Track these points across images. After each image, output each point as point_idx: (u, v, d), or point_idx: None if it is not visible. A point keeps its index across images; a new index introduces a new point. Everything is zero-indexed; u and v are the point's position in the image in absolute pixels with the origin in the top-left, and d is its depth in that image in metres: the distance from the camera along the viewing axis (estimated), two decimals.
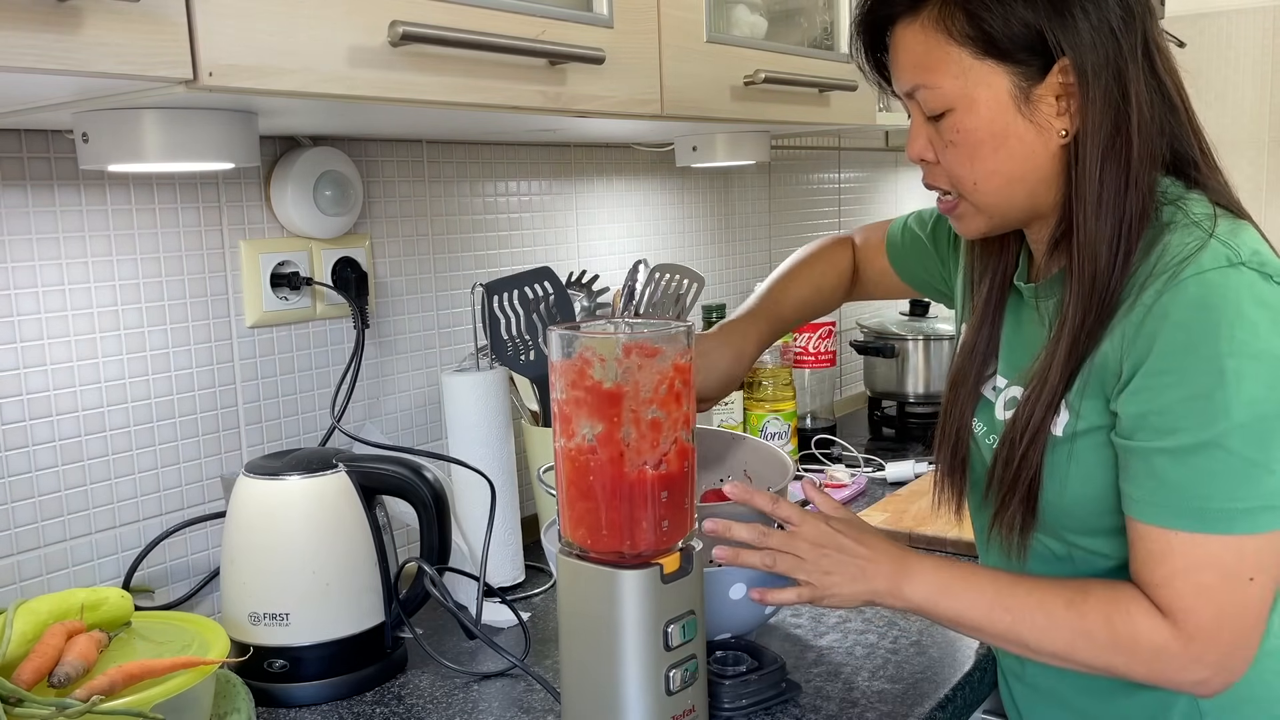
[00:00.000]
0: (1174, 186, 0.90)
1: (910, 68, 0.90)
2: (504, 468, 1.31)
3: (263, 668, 1.05)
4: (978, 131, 0.88)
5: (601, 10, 1.07)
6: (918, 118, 0.93)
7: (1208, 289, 0.81)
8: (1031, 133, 0.88)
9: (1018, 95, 0.87)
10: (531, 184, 1.58)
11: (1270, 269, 0.83)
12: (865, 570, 0.93)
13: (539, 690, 1.06)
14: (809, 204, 2.27)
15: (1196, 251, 0.83)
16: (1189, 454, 0.81)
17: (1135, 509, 0.86)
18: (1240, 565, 0.82)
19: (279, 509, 1.05)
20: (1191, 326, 0.81)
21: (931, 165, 0.94)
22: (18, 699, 0.77)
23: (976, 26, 0.86)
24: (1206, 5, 2.82)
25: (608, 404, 0.84)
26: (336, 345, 1.34)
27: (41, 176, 1.06)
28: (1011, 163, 0.89)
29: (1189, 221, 0.86)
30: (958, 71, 0.87)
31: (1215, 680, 0.85)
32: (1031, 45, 0.85)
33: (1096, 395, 0.88)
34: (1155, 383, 0.83)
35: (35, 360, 1.07)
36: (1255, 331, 0.80)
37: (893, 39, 0.93)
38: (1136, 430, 0.84)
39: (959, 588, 0.91)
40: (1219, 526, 0.81)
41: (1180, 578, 0.83)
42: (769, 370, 1.78)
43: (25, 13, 0.65)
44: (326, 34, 0.82)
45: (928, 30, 0.88)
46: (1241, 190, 0.95)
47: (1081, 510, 0.92)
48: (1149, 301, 0.84)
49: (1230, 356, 0.79)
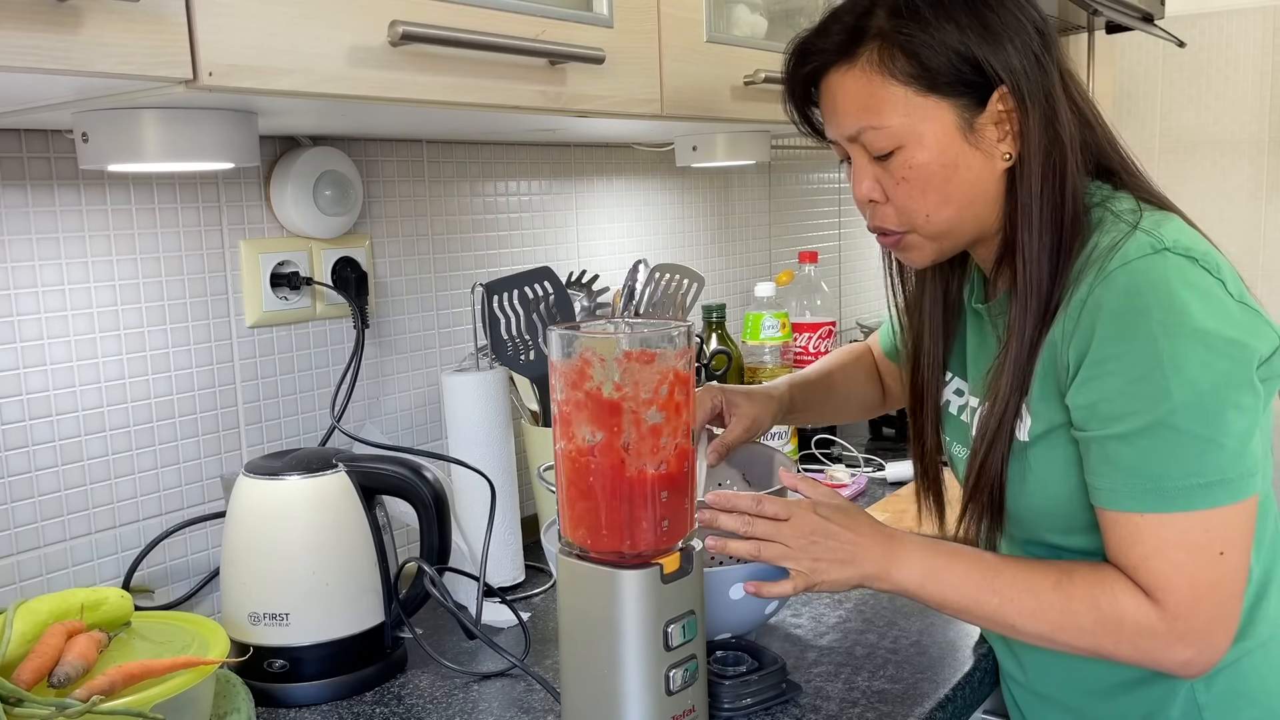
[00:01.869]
0: (1100, 189, 0.94)
1: (854, 112, 0.93)
2: (504, 468, 1.31)
3: (263, 668, 1.05)
4: (929, 165, 0.91)
5: (601, 10, 1.07)
6: (860, 160, 0.95)
7: (1136, 276, 0.84)
8: (979, 160, 0.92)
9: (963, 126, 0.90)
10: (531, 184, 1.58)
11: (1195, 253, 0.85)
12: (854, 555, 0.94)
13: (539, 690, 1.06)
14: (809, 204, 2.27)
15: (1122, 243, 0.87)
16: (1139, 436, 0.84)
17: (1100, 497, 0.88)
18: (1208, 540, 0.84)
19: (279, 509, 1.05)
20: (1124, 314, 0.84)
21: (879, 206, 0.96)
22: (18, 699, 0.77)
23: (917, 64, 0.89)
24: (1206, 5, 2.82)
25: (608, 413, 0.84)
26: (336, 345, 1.34)
27: (41, 176, 1.06)
28: (962, 191, 0.92)
29: (1114, 218, 0.90)
30: (904, 110, 0.90)
31: (1199, 660, 0.86)
32: (970, 77, 0.89)
33: (1051, 394, 0.91)
34: (1098, 371, 0.85)
35: (35, 360, 1.07)
36: (1186, 311, 0.82)
37: (826, 88, 0.96)
38: (1088, 421, 0.87)
39: (946, 571, 0.93)
40: (1179, 504, 0.83)
41: (1154, 558, 0.85)
42: (769, 370, 1.78)
43: (25, 13, 0.65)
44: (326, 34, 0.82)
45: (868, 74, 0.91)
46: (1241, 190, 0.98)
47: (1059, 510, 0.94)
48: (1083, 295, 0.87)
49: (1165, 338, 0.82)
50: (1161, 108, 2.88)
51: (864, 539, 0.95)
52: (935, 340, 1.08)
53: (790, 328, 1.84)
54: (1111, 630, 0.87)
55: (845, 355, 1.37)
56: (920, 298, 1.09)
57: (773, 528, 0.95)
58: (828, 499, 0.99)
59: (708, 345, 1.75)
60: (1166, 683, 0.93)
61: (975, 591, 0.91)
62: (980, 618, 0.92)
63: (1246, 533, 0.85)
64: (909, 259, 1.00)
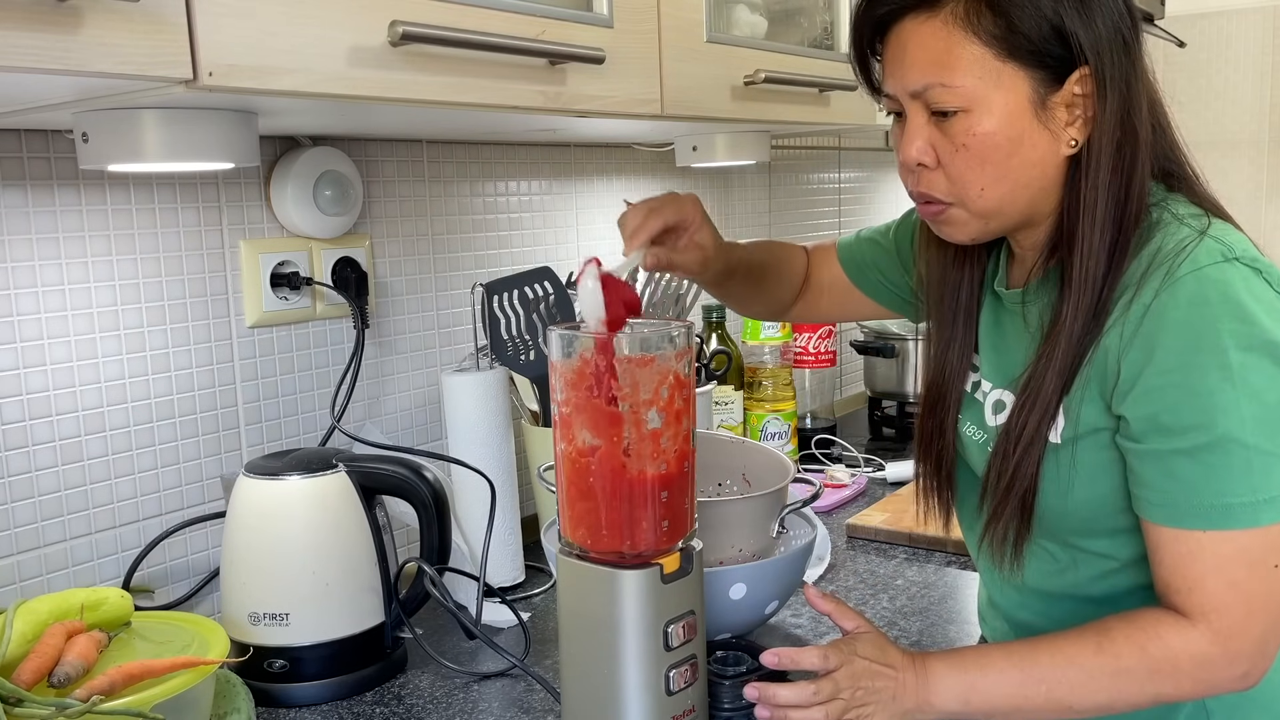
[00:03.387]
0: (1158, 189, 0.91)
1: (925, 65, 0.87)
2: (504, 468, 1.31)
3: (263, 668, 1.05)
4: (994, 135, 0.86)
5: (601, 10, 1.07)
6: (917, 119, 0.89)
7: (1205, 285, 0.81)
8: (1044, 140, 0.87)
9: (1035, 101, 0.85)
10: (531, 184, 1.58)
11: (1261, 264, 0.83)
12: (896, 692, 0.91)
13: (539, 690, 1.06)
14: (809, 204, 2.27)
15: (1191, 248, 0.83)
16: (1203, 452, 0.81)
17: (1155, 513, 0.85)
18: (1265, 555, 0.82)
19: (279, 509, 1.05)
20: (1192, 324, 0.81)
21: (927, 171, 0.91)
22: (18, 699, 0.77)
23: (1004, 25, 0.83)
24: (1206, 5, 2.82)
25: (608, 421, 0.84)
26: (336, 345, 1.34)
27: (41, 176, 1.06)
28: (1021, 169, 0.88)
29: (1176, 220, 0.87)
30: (980, 72, 0.85)
31: (1255, 672, 0.85)
32: (1055, 49, 0.84)
33: (1095, 398, 0.88)
34: (1161, 383, 0.82)
35: (35, 360, 1.07)
36: (1255, 323, 0.80)
37: (899, 35, 0.89)
38: (1147, 433, 0.84)
39: (982, 680, 0.89)
40: (1245, 520, 0.81)
41: (1212, 576, 0.83)
42: (769, 370, 1.78)
43: (25, 13, 0.65)
44: (326, 34, 0.82)
45: (950, 26, 0.85)
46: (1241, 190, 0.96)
47: (1086, 513, 0.91)
48: (1147, 300, 0.83)
49: (1233, 350, 0.79)
50: None
51: (901, 672, 0.91)
52: (969, 326, 1.02)
53: (790, 327, 1.83)
54: (1168, 673, 0.84)
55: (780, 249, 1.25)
56: (957, 280, 1.02)
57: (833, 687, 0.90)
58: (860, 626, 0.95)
59: (708, 345, 1.75)
60: None
61: (1019, 689, 0.88)
62: (1035, 711, 0.88)
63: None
64: (948, 234, 0.94)
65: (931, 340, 1.06)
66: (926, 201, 0.92)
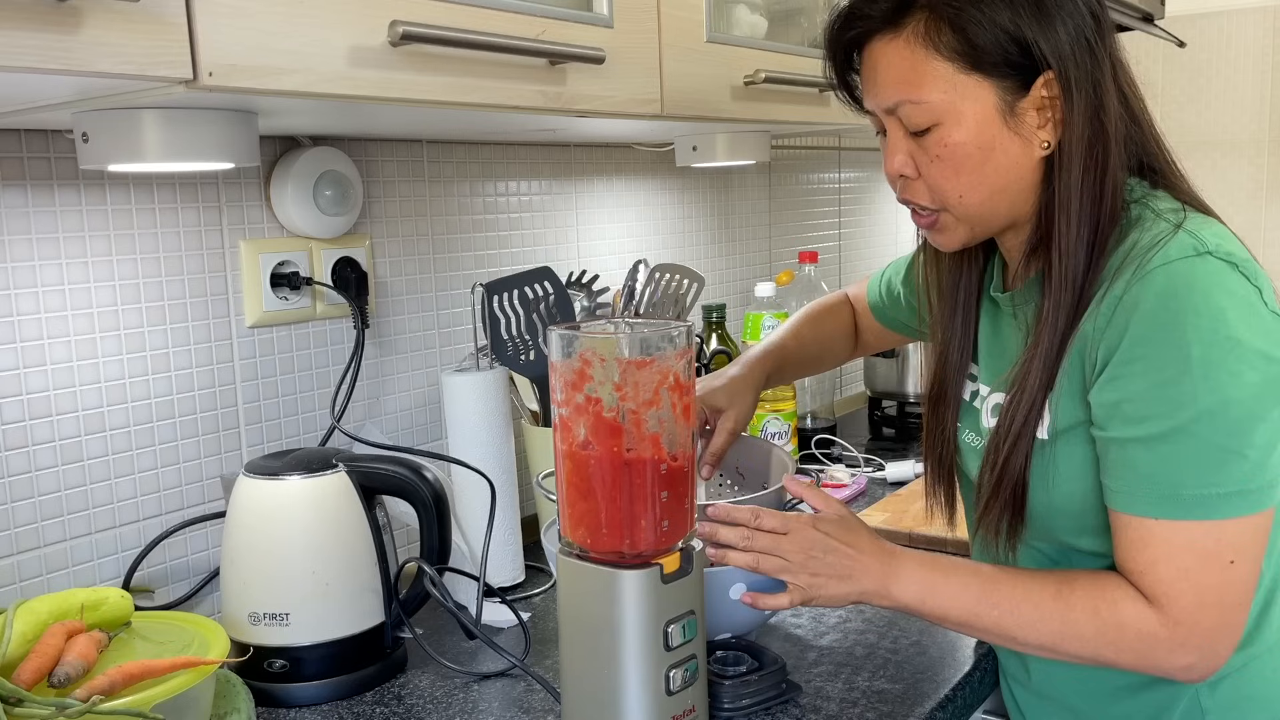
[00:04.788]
0: (1139, 186, 0.92)
1: (893, 83, 0.90)
2: (504, 468, 1.31)
3: (263, 668, 1.05)
4: (965, 145, 0.89)
5: (601, 10, 1.07)
6: (895, 133, 0.93)
7: (1175, 278, 0.83)
8: (1016, 145, 0.89)
9: (1003, 108, 0.88)
10: (531, 184, 1.58)
11: (1236, 259, 0.84)
12: (852, 571, 0.93)
13: (539, 690, 1.06)
14: (809, 204, 2.27)
15: (1164, 242, 0.85)
16: (1159, 441, 0.83)
17: (1114, 499, 0.87)
18: (1219, 549, 0.83)
19: (279, 509, 1.05)
20: (1159, 315, 0.82)
21: (910, 181, 0.94)
22: (18, 699, 0.77)
23: (964, 40, 0.86)
24: (1206, 5, 2.82)
25: (608, 431, 0.84)
26: (336, 345, 1.34)
27: (41, 176, 1.06)
28: (997, 175, 0.90)
29: (1155, 216, 0.88)
30: (945, 86, 0.88)
31: (1201, 665, 0.86)
32: (1017, 59, 0.86)
33: (1074, 392, 0.89)
34: (1125, 371, 0.84)
35: (35, 360, 1.07)
36: (1222, 319, 0.81)
37: (870, 55, 0.93)
38: (1109, 420, 0.86)
39: (944, 585, 0.92)
40: (1195, 512, 0.83)
41: (1161, 564, 0.84)
42: None
43: (25, 12, 0.65)
44: (326, 34, 0.82)
45: (912, 45, 0.88)
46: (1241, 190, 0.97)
47: (1072, 508, 0.93)
48: (1119, 293, 0.85)
49: (1197, 344, 0.81)
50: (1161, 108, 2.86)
51: (863, 555, 0.94)
52: (967, 328, 1.05)
53: None
54: (1112, 637, 0.86)
55: (819, 311, 1.35)
56: (955, 284, 1.06)
57: (772, 541, 0.94)
58: (831, 510, 0.98)
59: (708, 345, 1.75)
60: (1171, 687, 0.93)
61: (974, 605, 0.90)
62: (981, 631, 0.91)
63: (1260, 543, 0.84)
64: (940, 241, 0.97)
65: (932, 340, 1.09)
66: (916, 212, 0.96)
